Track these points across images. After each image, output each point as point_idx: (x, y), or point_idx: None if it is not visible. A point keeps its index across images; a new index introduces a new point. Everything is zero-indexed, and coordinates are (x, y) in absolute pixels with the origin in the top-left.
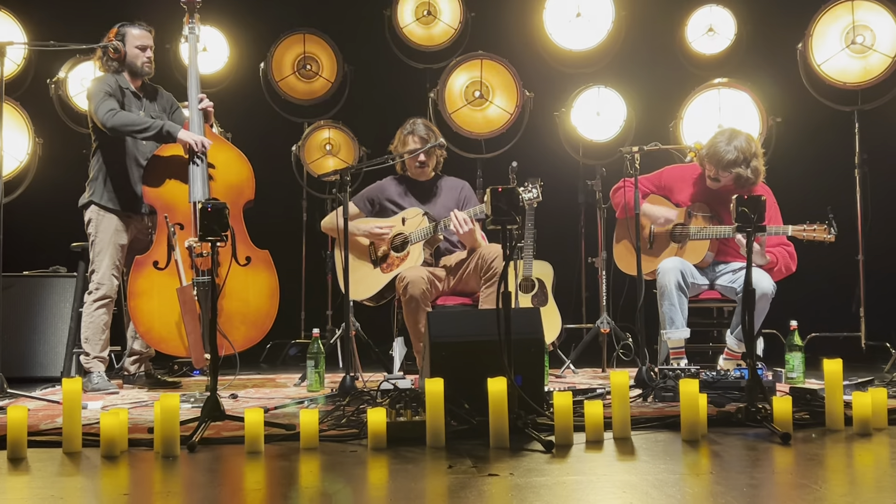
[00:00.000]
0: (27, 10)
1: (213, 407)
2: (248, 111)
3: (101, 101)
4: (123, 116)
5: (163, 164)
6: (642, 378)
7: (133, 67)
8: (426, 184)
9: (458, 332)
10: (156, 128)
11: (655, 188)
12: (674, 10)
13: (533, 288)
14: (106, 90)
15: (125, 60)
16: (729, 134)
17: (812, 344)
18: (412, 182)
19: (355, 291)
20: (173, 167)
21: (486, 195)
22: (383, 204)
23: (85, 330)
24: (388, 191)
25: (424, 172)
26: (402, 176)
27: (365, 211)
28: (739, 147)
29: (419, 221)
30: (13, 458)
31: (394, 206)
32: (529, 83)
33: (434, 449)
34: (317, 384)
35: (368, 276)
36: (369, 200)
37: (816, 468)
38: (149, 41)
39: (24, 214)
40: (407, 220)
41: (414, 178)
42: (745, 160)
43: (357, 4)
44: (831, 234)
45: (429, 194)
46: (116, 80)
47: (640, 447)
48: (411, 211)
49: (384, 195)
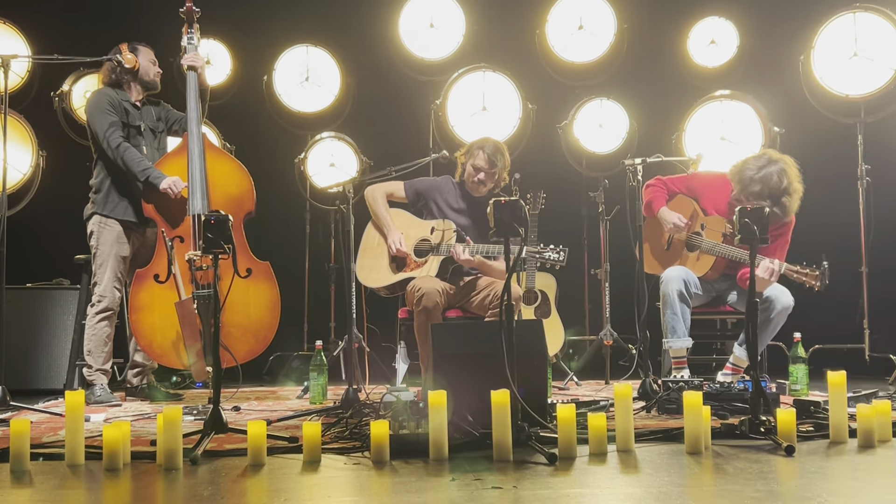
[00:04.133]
0: (31, 23)
1: (216, 419)
2: (252, 123)
3: (107, 125)
4: (128, 152)
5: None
6: (646, 390)
7: (145, 79)
8: (478, 200)
9: (461, 344)
10: (143, 177)
11: (686, 189)
12: (676, 22)
13: (536, 300)
14: (107, 107)
15: (138, 73)
16: (765, 161)
17: (815, 356)
18: (466, 194)
19: (370, 277)
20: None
21: (489, 208)
22: (431, 201)
23: (88, 342)
24: (441, 191)
25: (479, 190)
26: (460, 183)
27: (410, 199)
28: (768, 181)
29: (448, 236)
30: (16, 470)
31: (437, 209)
32: (532, 95)
33: (437, 461)
34: (319, 396)
35: (384, 268)
36: (418, 192)
37: (820, 481)
38: (154, 56)
39: (28, 227)
40: (437, 230)
41: (469, 190)
42: (770, 195)
43: (360, 17)
44: (819, 283)
45: (477, 211)
46: (116, 94)
47: (644, 460)
48: (445, 223)
49: (434, 194)
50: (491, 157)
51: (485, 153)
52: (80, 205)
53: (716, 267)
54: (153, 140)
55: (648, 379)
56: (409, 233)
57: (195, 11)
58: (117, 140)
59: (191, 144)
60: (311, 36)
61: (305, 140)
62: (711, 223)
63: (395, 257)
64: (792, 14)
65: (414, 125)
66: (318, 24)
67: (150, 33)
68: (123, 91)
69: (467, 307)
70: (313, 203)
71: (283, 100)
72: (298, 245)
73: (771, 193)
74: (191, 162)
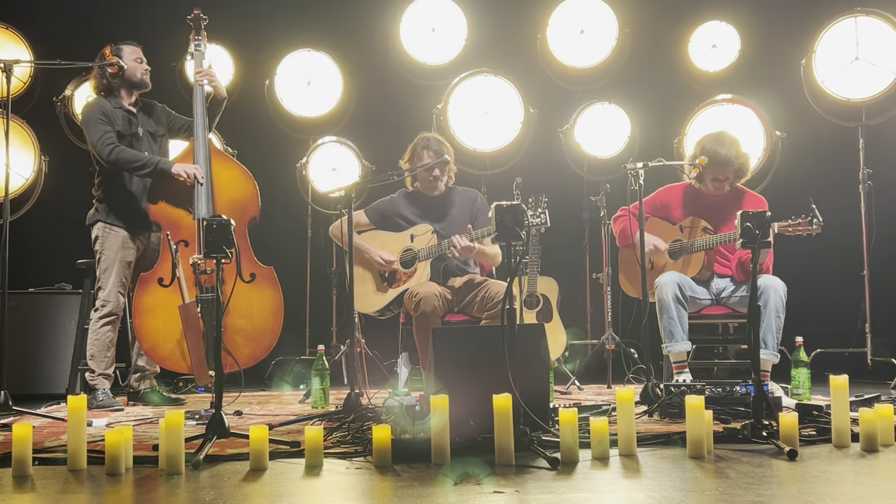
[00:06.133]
0: (33, 28)
1: (218, 424)
2: (254, 128)
3: (99, 134)
4: (123, 154)
5: (167, 181)
6: (648, 394)
7: (133, 80)
8: (438, 198)
9: (463, 349)
10: (151, 165)
11: (651, 210)
12: (677, 26)
13: (538, 304)
14: (100, 117)
15: (125, 76)
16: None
17: (818, 360)
18: (423, 198)
19: (362, 304)
20: (178, 185)
21: (490, 212)
22: (394, 219)
23: (90, 347)
24: (399, 207)
25: (437, 186)
26: (414, 192)
27: (375, 223)
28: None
29: (428, 239)
30: (18, 475)
31: (405, 221)
32: (534, 100)
33: (439, 466)
34: (321, 401)
35: (375, 290)
36: (380, 213)
37: (823, 485)
38: (141, 54)
39: (30, 231)
40: (416, 236)
41: (425, 192)
42: (736, 157)
43: (362, 21)
44: (815, 225)
45: (441, 209)
46: (109, 103)
47: (646, 464)
48: (420, 227)
49: (394, 210)
50: (438, 151)
51: (430, 150)
52: (83, 209)
53: (706, 264)
54: (153, 145)
55: (650, 383)
56: (389, 248)
57: (203, 18)
58: (108, 147)
59: (196, 149)
60: (312, 40)
61: (307, 144)
62: (688, 223)
63: (384, 274)
64: (793, 18)
65: (415, 130)
66: (319, 28)
67: (154, 38)
68: (117, 98)
69: (468, 310)
70: (315, 207)
71: (284, 104)
72: (300, 249)
73: (738, 155)
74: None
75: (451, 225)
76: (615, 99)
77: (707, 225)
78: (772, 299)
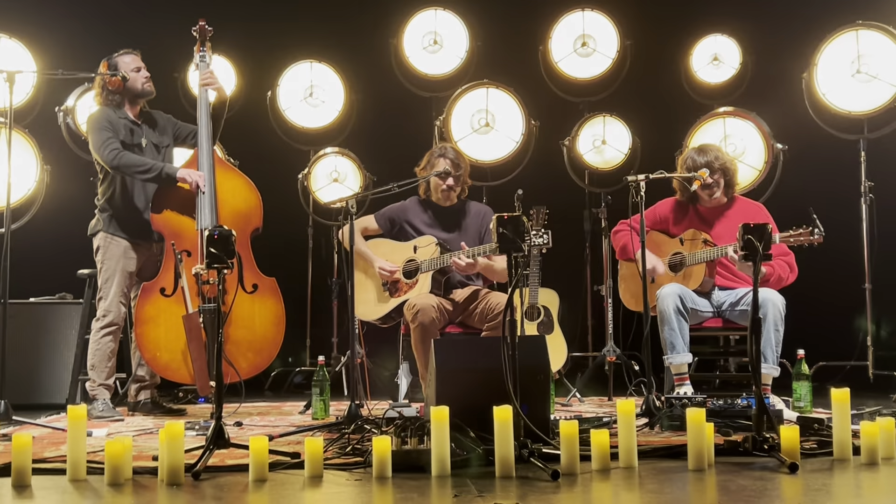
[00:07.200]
0: (37, 38)
1: (218, 435)
2: (255, 139)
3: (103, 140)
4: (127, 158)
5: (170, 191)
6: (649, 407)
7: (134, 91)
8: (450, 209)
9: (463, 360)
10: (156, 170)
11: (651, 224)
12: (679, 39)
13: (538, 316)
14: (104, 125)
15: (126, 88)
16: (695, 148)
17: (819, 373)
18: (436, 207)
19: (364, 311)
20: (181, 194)
21: (491, 223)
22: (403, 226)
23: (91, 357)
24: (409, 214)
25: (450, 197)
26: (426, 200)
27: (384, 229)
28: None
29: (432, 251)
30: (18, 485)
31: (413, 230)
32: (535, 111)
33: (439, 477)
34: (322, 412)
35: (377, 298)
36: (390, 220)
37: (824, 498)
38: (140, 62)
39: (32, 241)
40: (419, 248)
41: (437, 202)
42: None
43: (363, 33)
44: (816, 235)
45: (451, 220)
46: (115, 113)
47: (647, 476)
48: (424, 239)
49: (405, 217)
50: (454, 161)
51: (447, 158)
52: (84, 219)
53: (707, 277)
54: (157, 156)
55: (651, 395)
56: (392, 258)
57: (208, 30)
58: (113, 152)
59: (200, 159)
60: (315, 52)
61: (309, 155)
62: (689, 236)
63: (386, 283)
64: (794, 31)
65: (417, 141)
66: (322, 40)
67: (157, 49)
68: (121, 109)
69: (468, 322)
70: (316, 218)
71: (286, 115)
72: (301, 260)
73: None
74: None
75: (459, 238)
76: (617, 111)
77: (708, 237)
78: (770, 313)
